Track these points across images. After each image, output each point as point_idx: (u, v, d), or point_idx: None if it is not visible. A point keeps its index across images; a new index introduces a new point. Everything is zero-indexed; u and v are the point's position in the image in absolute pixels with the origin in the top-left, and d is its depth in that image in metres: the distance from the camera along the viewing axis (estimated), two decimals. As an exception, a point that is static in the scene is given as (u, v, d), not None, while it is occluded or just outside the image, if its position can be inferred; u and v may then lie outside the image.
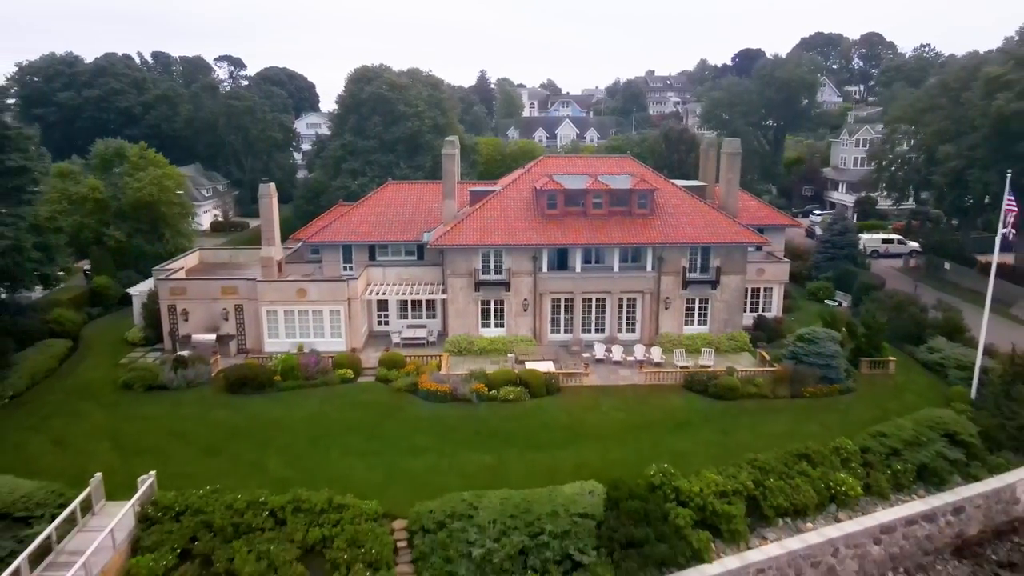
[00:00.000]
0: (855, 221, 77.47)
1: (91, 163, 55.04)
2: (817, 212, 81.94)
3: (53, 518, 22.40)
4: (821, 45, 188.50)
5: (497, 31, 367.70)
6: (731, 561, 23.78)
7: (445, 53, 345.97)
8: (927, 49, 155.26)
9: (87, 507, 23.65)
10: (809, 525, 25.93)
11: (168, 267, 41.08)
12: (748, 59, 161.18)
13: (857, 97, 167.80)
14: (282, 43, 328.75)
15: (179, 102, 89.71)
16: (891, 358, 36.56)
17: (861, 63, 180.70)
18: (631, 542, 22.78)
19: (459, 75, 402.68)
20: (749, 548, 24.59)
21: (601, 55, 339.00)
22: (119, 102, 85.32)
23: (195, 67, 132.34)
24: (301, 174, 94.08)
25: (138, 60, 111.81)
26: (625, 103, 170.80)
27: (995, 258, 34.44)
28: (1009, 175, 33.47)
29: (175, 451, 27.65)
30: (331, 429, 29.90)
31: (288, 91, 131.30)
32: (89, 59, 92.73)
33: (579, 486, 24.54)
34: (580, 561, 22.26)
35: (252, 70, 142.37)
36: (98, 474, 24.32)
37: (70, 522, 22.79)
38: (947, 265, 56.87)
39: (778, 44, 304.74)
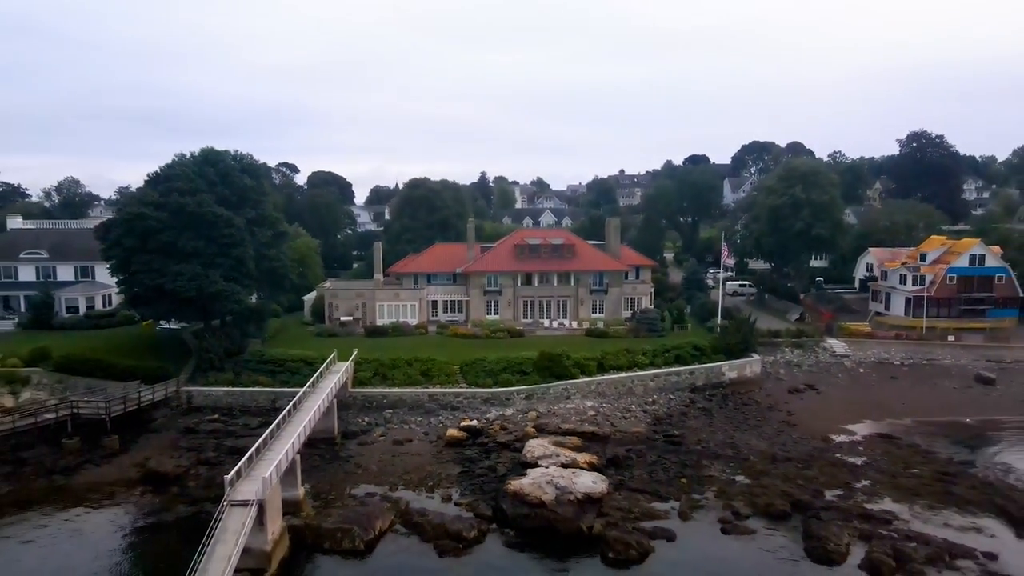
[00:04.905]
0: (734, 275, 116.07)
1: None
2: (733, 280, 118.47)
3: (321, 363, 58.93)
4: (757, 151, 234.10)
5: (498, 130, 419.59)
6: (587, 379, 60.75)
7: (450, 149, 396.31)
8: (838, 155, 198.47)
9: (332, 361, 60.36)
10: (624, 372, 62.68)
11: (324, 285, 79.07)
12: (695, 162, 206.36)
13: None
14: (283, 140, 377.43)
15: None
16: (688, 324, 74.29)
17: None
18: (546, 368, 59.72)
19: (462, 168, 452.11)
20: (595, 377, 61.43)
21: (587, 152, 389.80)
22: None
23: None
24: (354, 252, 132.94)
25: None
26: (598, 196, 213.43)
27: (722, 285, 72.49)
28: (724, 233, 72.06)
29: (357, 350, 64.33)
30: (421, 345, 66.97)
31: (333, 188, 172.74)
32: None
33: (528, 352, 61.73)
34: (526, 372, 59.36)
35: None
36: (335, 350, 61.18)
37: (329, 363, 59.39)
38: (766, 296, 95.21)
39: (726, 148, 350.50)
